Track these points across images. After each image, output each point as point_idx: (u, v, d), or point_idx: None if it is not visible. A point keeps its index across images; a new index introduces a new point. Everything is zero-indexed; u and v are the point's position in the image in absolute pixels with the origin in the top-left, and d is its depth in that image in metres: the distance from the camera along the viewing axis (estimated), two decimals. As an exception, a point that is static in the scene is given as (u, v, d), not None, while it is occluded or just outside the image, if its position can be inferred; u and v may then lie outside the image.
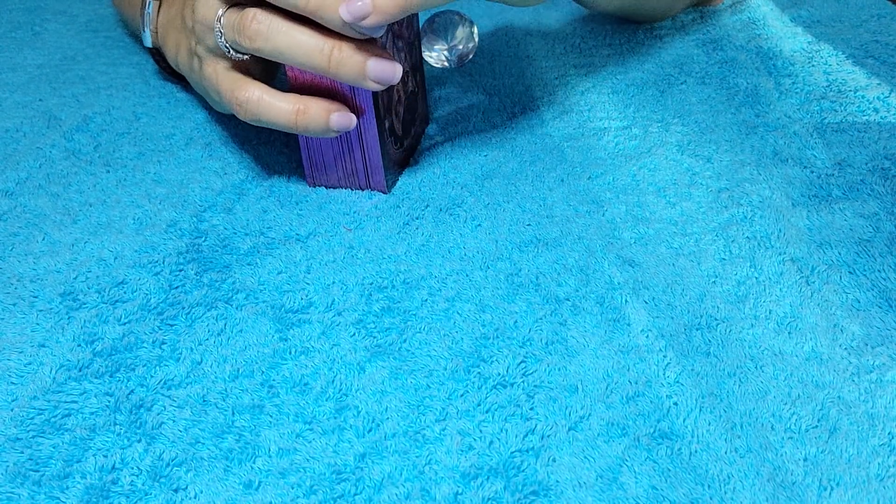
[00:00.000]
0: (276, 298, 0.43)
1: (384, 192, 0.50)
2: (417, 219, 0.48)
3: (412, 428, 0.36)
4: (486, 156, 0.54)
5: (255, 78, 0.48)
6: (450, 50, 0.57)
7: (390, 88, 0.50)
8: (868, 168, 0.51)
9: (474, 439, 0.35)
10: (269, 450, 0.35)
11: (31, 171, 0.53)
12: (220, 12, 0.46)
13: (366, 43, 0.44)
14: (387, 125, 0.50)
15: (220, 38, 0.46)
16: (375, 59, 0.44)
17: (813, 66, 0.63)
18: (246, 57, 0.47)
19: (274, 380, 0.39)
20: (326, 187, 0.51)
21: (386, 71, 0.44)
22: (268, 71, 0.52)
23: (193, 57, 0.50)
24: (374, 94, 0.47)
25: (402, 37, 0.51)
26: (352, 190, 0.51)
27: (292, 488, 0.34)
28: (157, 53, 0.61)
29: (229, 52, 0.46)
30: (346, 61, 0.44)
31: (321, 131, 0.47)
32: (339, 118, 0.47)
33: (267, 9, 0.45)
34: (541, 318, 0.41)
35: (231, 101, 0.47)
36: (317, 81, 0.47)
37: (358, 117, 0.48)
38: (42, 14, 0.77)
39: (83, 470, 0.35)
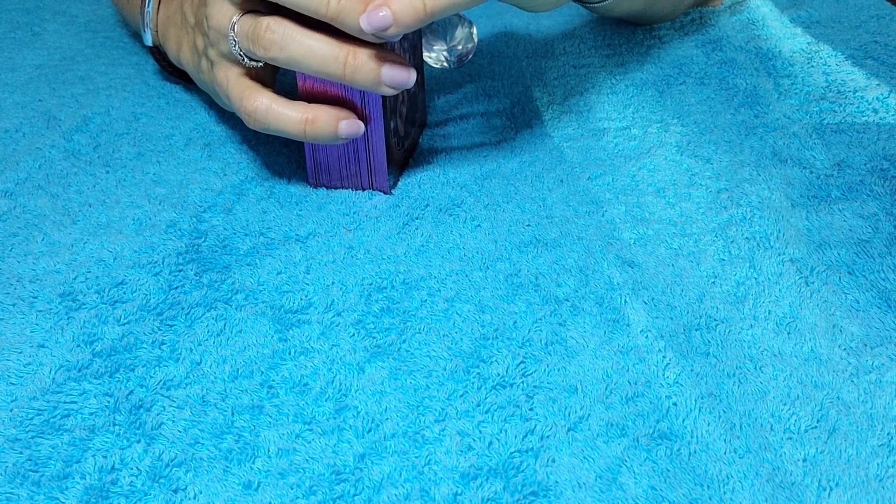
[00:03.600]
0: (276, 299, 0.43)
1: (386, 193, 0.50)
2: (417, 219, 0.48)
3: (411, 428, 0.36)
4: (485, 156, 0.54)
5: (266, 84, 0.48)
6: (449, 50, 0.57)
7: None
8: (867, 169, 0.51)
9: (474, 440, 0.35)
10: (269, 450, 0.35)
11: (31, 172, 0.53)
12: (235, 19, 0.46)
13: (380, 49, 0.45)
14: (392, 126, 0.50)
15: (234, 45, 0.46)
16: (390, 64, 0.44)
17: (812, 66, 0.63)
18: (259, 64, 0.47)
19: (273, 380, 0.39)
20: (328, 188, 0.51)
21: (401, 76, 0.45)
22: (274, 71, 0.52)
23: (202, 58, 0.50)
24: (383, 98, 0.47)
25: (407, 38, 0.51)
26: (354, 190, 0.51)
27: (291, 489, 0.34)
28: (157, 52, 0.61)
29: (243, 59, 0.47)
30: (361, 68, 0.44)
31: (329, 139, 0.47)
32: (348, 126, 0.47)
33: (280, 17, 0.45)
34: (540, 319, 0.41)
35: (240, 109, 0.47)
36: (326, 88, 0.47)
37: (366, 123, 0.48)
38: (42, 14, 0.77)
39: (82, 470, 0.35)
